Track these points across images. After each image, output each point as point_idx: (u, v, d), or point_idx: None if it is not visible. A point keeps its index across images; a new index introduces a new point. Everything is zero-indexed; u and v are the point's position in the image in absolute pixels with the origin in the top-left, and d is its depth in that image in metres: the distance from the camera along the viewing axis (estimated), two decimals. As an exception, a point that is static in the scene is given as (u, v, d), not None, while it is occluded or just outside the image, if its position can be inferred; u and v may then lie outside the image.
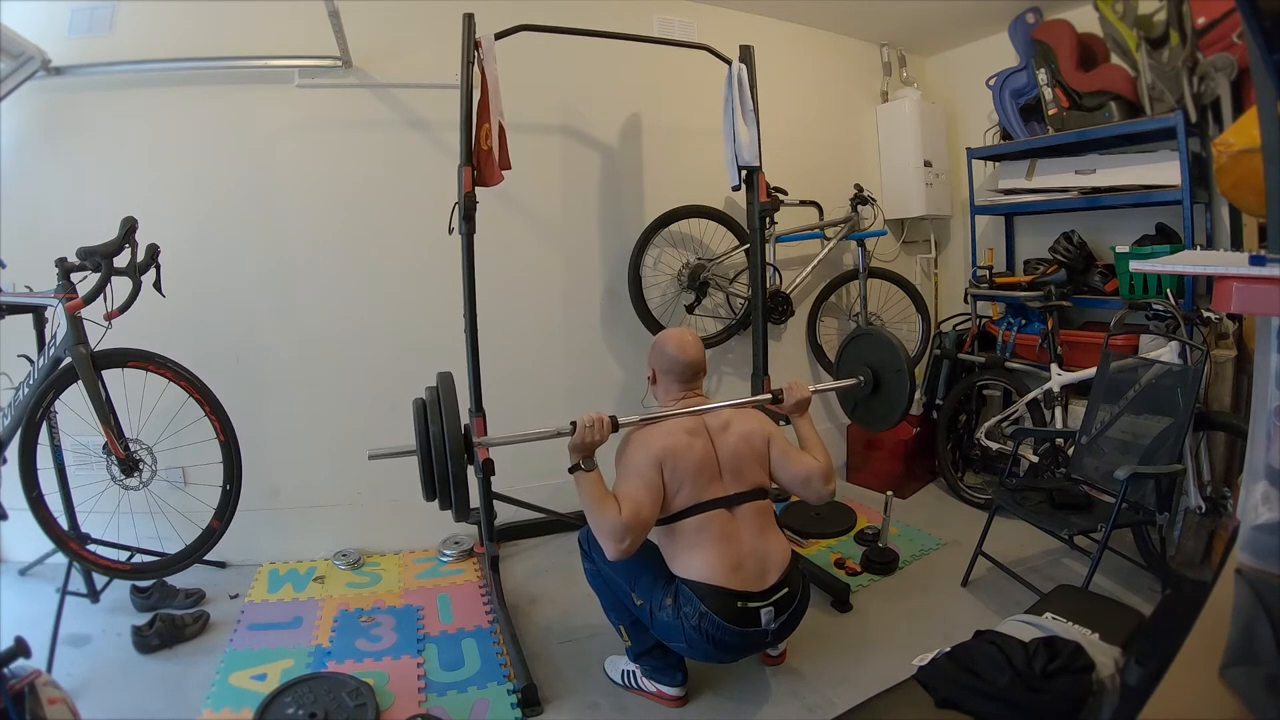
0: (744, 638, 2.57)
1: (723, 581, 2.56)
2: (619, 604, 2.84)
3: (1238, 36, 3.69)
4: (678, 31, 4.58)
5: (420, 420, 2.63)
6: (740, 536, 2.66)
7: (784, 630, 2.70)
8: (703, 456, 2.70)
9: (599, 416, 2.71)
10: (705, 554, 2.60)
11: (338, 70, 3.85)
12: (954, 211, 5.72)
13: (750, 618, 2.56)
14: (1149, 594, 3.42)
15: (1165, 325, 3.64)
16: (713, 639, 2.53)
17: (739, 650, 2.65)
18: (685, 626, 2.55)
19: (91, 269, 2.97)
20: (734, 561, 2.60)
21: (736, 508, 2.70)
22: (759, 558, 2.65)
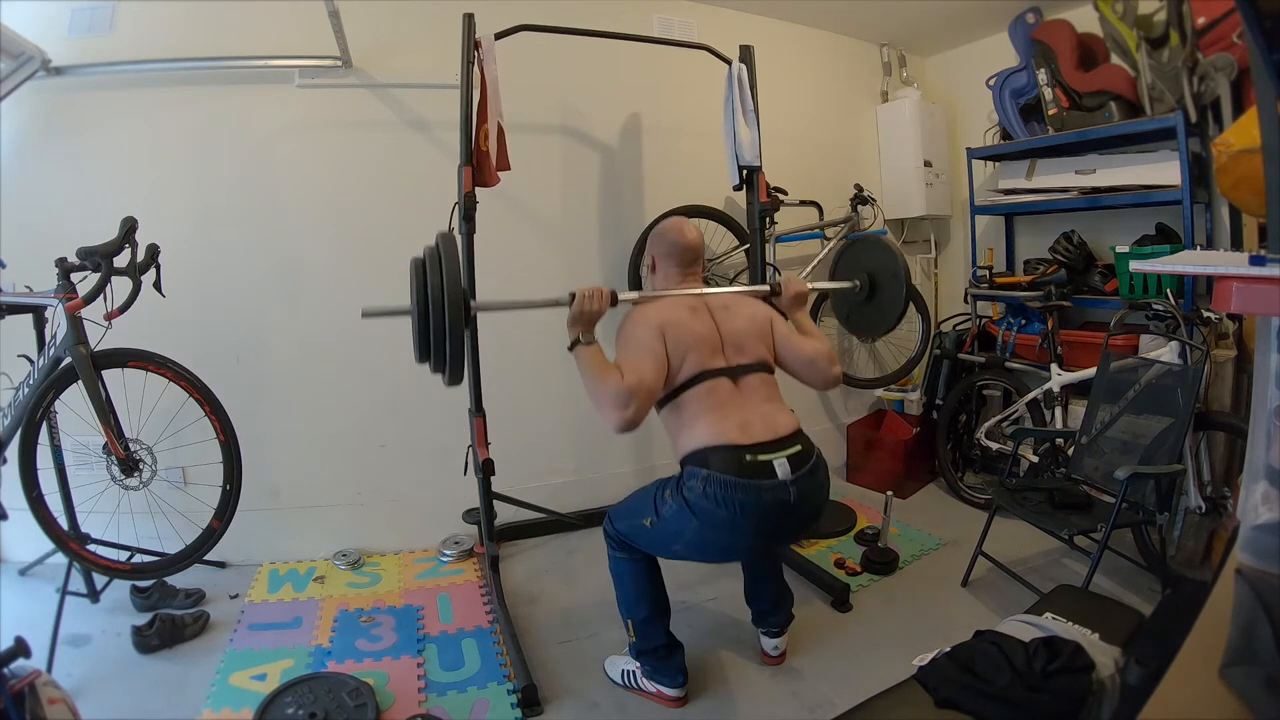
0: (759, 494, 2.39)
1: (728, 440, 2.45)
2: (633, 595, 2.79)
3: (1238, 36, 3.69)
4: (678, 31, 4.58)
5: (419, 276, 2.51)
6: (746, 402, 2.59)
7: (809, 494, 2.52)
8: (705, 331, 2.67)
9: (598, 288, 2.66)
10: (708, 420, 2.51)
11: (338, 70, 3.85)
12: (954, 211, 5.72)
13: (762, 470, 2.42)
14: (1149, 594, 3.42)
15: (1165, 325, 3.64)
16: (725, 503, 2.38)
17: (758, 517, 2.42)
18: (691, 503, 2.44)
19: (91, 269, 2.97)
20: (740, 422, 2.50)
21: (741, 378, 2.64)
22: (766, 419, 2.56)
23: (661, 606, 2.83)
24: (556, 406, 4.50)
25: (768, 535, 2.56)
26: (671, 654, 2.82)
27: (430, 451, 4.11)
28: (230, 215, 3.84)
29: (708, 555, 2.65)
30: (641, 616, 2.79)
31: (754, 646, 3.15)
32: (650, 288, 2.98)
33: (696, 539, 2.50)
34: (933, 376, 5.24)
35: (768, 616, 3.04)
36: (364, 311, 2.57)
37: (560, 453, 4.57)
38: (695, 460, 2.48)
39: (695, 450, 2.49)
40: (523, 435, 4.29)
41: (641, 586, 2.80)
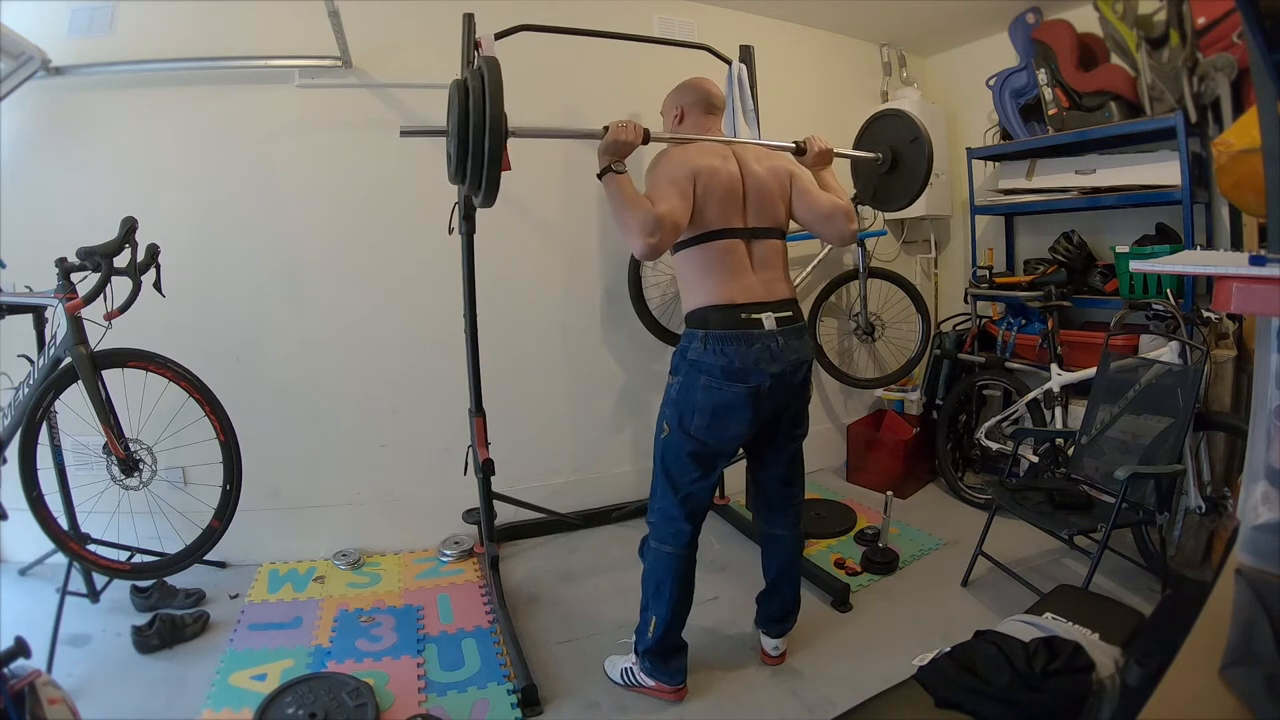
0: (749, 341, 2.63)
1: (729, 300, 2.67)
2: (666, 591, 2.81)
3: (1238, 36, 3.69)
4: (678, 31, 4.58)
5: (460, 99, 2.51)
6: (753, 269, 2.75)
7: (793, 346, 2.72)
8: (731, 182, 2.76)
9: (632, 121, 2.71)
10: (716, 280, 2.70)
11: (338, 70, 3.85)
12: (954, 211, 5.72)
13: (755, 324, 2.65)
14: (1149, 594, 3.42)
15: (1165, 325, 3.64)
16: (722, 353, 2.62)
17: (752, 360, 2.63)
18: (693, 361, 2.67)
19: (91, 269, 2.96)
20: (744, 285, 2.70)
21: (754, 242, 2.78)
22: (768, 284, 2.76)
23: (687, 606, 2.88)
24: (557, 406, 4.51)
25: (762, 384, 2.66)
26: (679, 654, 2.87)
27: (430, 451, 4.11)
28: (230, 215, 3.84)
29: (722, 417, 2.68)
30: (666, 614, 2.80)
31: (754, 646, 3.16)
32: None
33: (706, 400, 2.66)
34: (933, 376, 5.23)
35: (774, 622, 3.08)
36: (402, 130, 2.66)
37: (560, 453, 4.57)
38: (696, 320, 2.71)
39: (700, 308, 2.71)
40: (523, 435, 4.30)
41: (677, 582, 2.82)
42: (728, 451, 2.83)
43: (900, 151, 3.59)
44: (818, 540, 4.22)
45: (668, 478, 2.82)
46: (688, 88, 3.05)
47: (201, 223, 3.78)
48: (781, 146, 3.06)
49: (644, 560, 2.92)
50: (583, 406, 4.60)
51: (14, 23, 3.32)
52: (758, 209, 2.80)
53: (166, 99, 3.70)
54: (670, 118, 3.10)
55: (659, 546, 2.84)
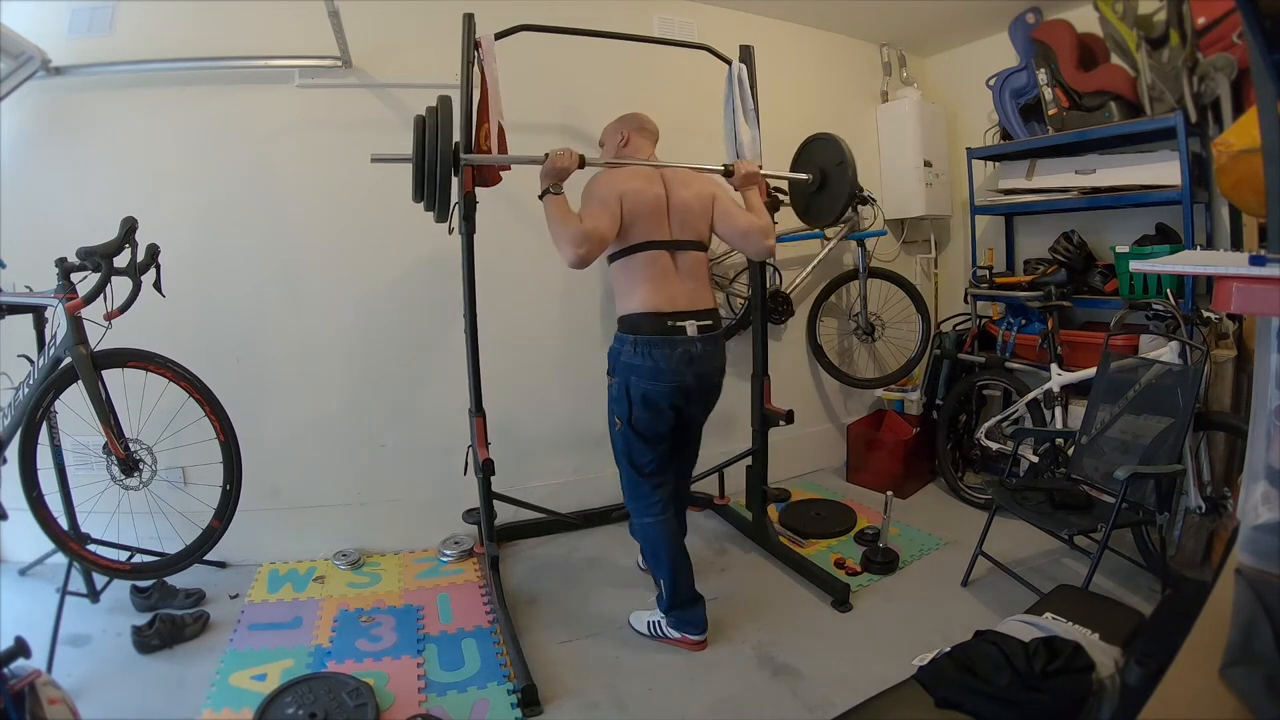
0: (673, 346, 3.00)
1: (656, 308, 3.04)
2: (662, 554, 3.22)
3: (1238, 36, 3.69)
4: (678, 31, 4.58)
5: (419, 133, 3.10)
6: (677, 278, 3.12)
7: (709, 352, 3.10)
8: (656, 202, 3.13)
9: (568, 149, 3.13)
10: (645, 290, 3.06)
11: (338, 70, 3.85)
12: (954, 211, 5.72)
13: (678, 330, 3.02)
14: (1149, 594, 3.42)
15: (1165, 325, 3.65)
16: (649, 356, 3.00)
17: (673, 363, 3.01)
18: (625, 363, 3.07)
19: (91, 269, 2.96)
20: (670, 294, 3.07)
21: (678, 253, 3.14)
22: (691, 294, 3.12)
23: (686, 563, 3.25)
24: (556, 406, 4.51)
25: (684, 382, 3.06)
26: (695, 605, 3.22)
27: (430, 451, 4.11)
28: (230, 215, 3.84)
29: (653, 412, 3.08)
30: (670, 572, 3.18)
31: (754, 645, 3.18)
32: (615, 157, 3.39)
33: (639, 396, 3.07)
34: (933, 376, 5.24)
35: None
36: (372, 157, 3.11)
37: (560, 453, 4.57)
38: (628, 325, 3.09)
39: (630, 314, 3.09)
40: (523, 435, 4.31)
41: (666, 544, 3.21)
42: (664, 435, 3.18)
43: (829, 173, 3.98)
44: (818, 540, 4.22)
45: (629, 462, 3.24)
46: (634, 119, 3.44)
47: (201, 223, 3.78)
48: (710, 169, 3.44)
49: (636, 538, 3.48)
50: (583, 406, 4.59)
51: (14, 23, 3.32)
52: (680, 224, 3.17)
53: (166, 99, 3.70)
54: (614, 143, 3.44)
55: (640, 520, 3.27)
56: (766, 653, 3.14)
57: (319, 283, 3.98)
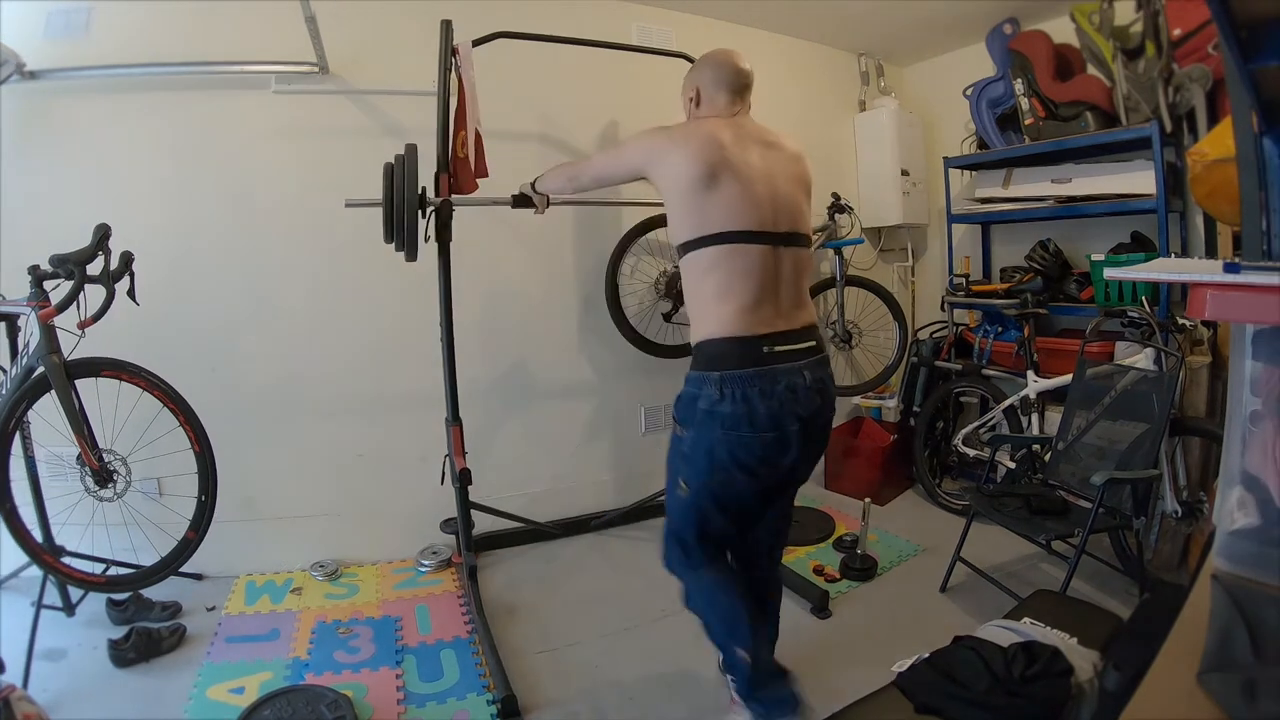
0: (774, 379, 2.24)
1: (750, 331, 2.26)
2: (729, 615, 2.42)
3: (1213, 48, 3.74)
4: (656, 40, 4.59)
5: (388, 178, 3.16)
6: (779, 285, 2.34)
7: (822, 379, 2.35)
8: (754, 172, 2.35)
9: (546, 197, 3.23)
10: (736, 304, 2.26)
11: (315, 76, 3.83)
12: (931, 220, 5.76)
13: (776, 358, 2.26)
14: (1126, 598, 3.44)
15: (1140, 332, 3.68)
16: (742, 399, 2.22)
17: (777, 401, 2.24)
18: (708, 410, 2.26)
19: (64, 277, 2.93)
20: (770, 312, 2.30)
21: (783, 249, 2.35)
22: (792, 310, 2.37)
23: (759, 620, 2.46)
24: (535, 415, 4.50)
25: (787, 431, 2.28)
26: (780, 680, 2.39)
27: (407, 461, 4.08)
28: (206, 222, 3.80)
29: (751, 468, 2.28)
30: (746, 639, 2.37)
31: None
32: None
33: (730, 453, 2.27)
34: (910, 384, 5.27)
35: None
36: (347, 202, 3.30)
37: (538, 461, 4.55)
38: (707, 359, 2.29)
39: (711, 339, 2.29)
40: (501, 444, 4.29)
41: (732, 600, 2.43)
42: (752, 508, 2.49)
43: None
44: (796, 547, 4.22)
45: (688, 529, 2.44)
46: (711, 63, 2.57)
47: (177, 230, 3.74)
48: None
49: (690, 605, 2.54)
50: (561, 415, 4.60)
51: (-12, 27, 3.30)
52: (788, 208, 2.38)
53: (142, 104, 3.67)
54: (688, 98, 2.65)
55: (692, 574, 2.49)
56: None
57: (295, 291, 3.96)
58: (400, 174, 3.13)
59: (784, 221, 2.34)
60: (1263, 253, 1.85)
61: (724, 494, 2.35)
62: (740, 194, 2.27)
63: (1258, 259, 1.87)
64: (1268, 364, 1.51)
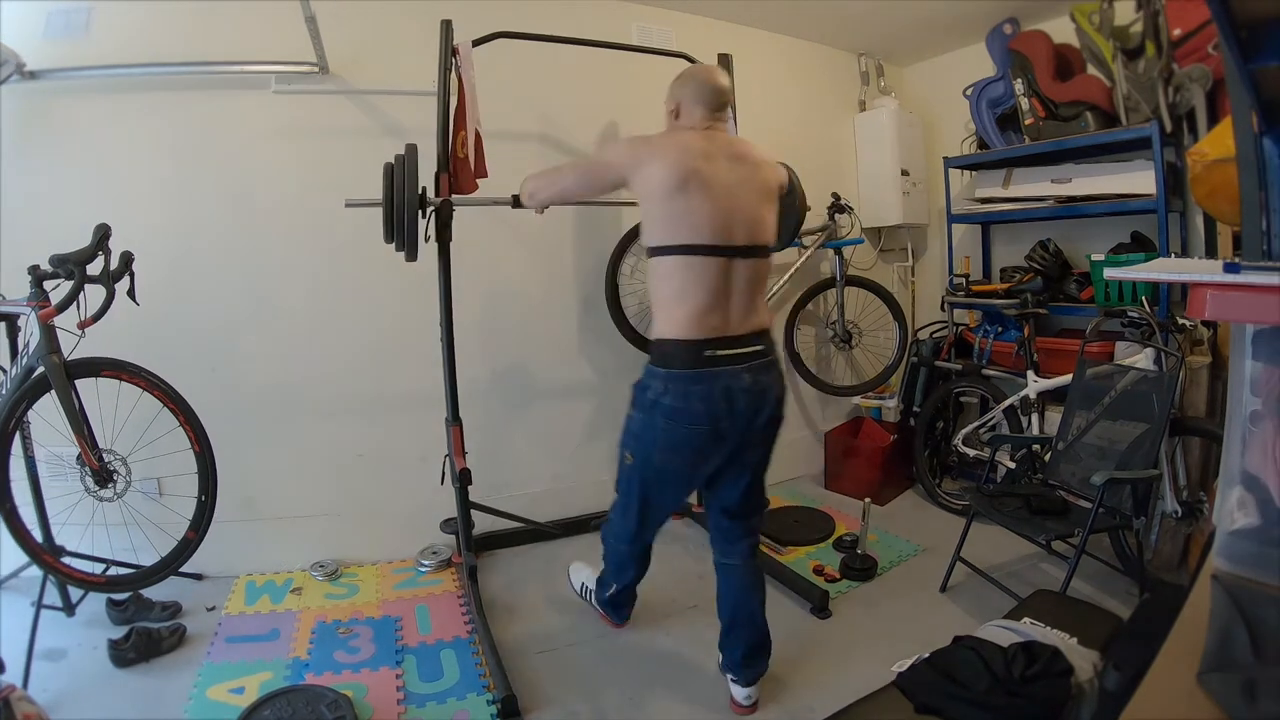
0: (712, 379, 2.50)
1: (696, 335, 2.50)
2: (621, 569, 3.13)
3: (1213, 48, 3.73)
4: (656, 40, 4.59)
5: (388, 178, 3.15)
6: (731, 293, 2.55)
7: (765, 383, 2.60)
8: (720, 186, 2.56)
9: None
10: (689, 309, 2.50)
11: (315, 76, 3.82)
12: (931, 220, 5.76)
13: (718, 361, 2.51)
14: (1126, 598, 3.44)
15: (1140, 332, 3.67)
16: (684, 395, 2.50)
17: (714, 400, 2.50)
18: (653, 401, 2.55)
19: (64, 277, 2.93)
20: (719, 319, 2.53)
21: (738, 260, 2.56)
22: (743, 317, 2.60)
23: (638, 579, 3.20)
24: (534, 415, 4.50)
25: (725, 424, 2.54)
26: (629, 604, 3.33)
27: (407, 461, 4.08)
28: (206, 222, 3.80)
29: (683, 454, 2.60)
30: (625, 585, 3.19)
31: (734, 654, 3.16)
32: None
33: (667, 440, 2.57)
34: (910, 384, 5.27)
35: (740, 668, 2.84)
36: (347, 202, 3.30)
37: (538, 461, 4.55)
38: (659, 356, 2.56)
39: (664, 339, 2.54)
40: (500, 444, 4.29)
41: (635, 567, 3.13)
42: (691, 484, 2.86)
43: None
44: (797, 547, 4.23)
45: (630, 500, 2.80)
46: (692, 79, 2.73)
47: (177, 230, 3.74)
48: None
49: (605, 543, 3.11)
50: (560, 414, 4.59)
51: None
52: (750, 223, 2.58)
53: (142, 104, 3.66)
54: (668, 110, 2.78)
55: (618, 545, 3.03)
56: (747, 660, 3.14)
57: (295, 291, 3.96)
58: (400, 174, 3.12)
59: (741, 234, 2.55)
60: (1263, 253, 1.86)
61: (660, 470, 2.69)
62: (704, 206, 2.48)
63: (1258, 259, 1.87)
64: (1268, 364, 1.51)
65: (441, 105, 3.37)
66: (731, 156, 2.62)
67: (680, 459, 2.62)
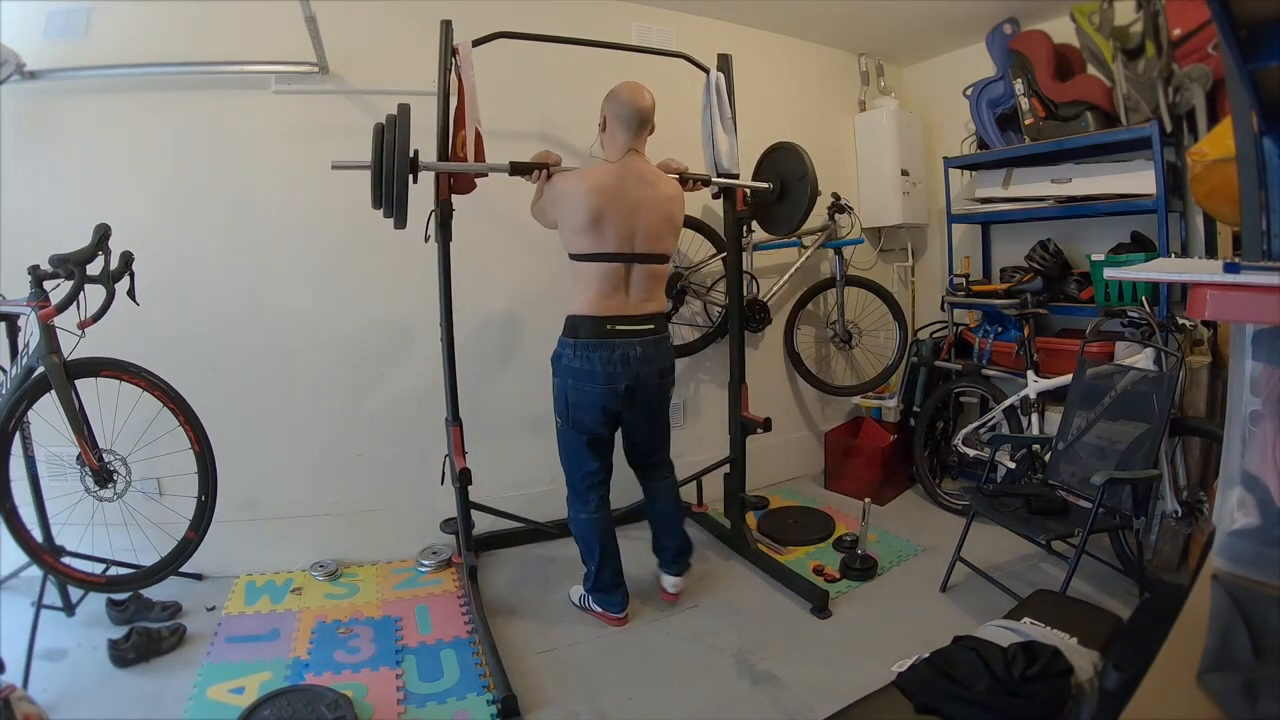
0: (611, 349, 3.19)
1: (599, 313, 3.19)
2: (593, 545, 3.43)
3: (1213, 48, 3.73)
4: (656, 40, 4.59)
5: (378, 139, 3.07)
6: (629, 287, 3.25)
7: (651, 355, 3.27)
8: (621, 208, 3.16)
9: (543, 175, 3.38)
10: (594, 295, 3.21)
11: (314, 76, 3.82)
12: (931, 220, 5.76)
13: (615, 334, 3.19)
14: (1126, 598, 3.44)
15: (1140, 332, 3.67)
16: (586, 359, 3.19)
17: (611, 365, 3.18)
18: (564, 365, 3.26)
19: (64, 277, 2.93)
20: (618, 302, 3.23)
21: (636, 266, 3.23)
22: (639, 303, 3.27)
23: (615, 554, 3.49)
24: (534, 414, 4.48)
25: (618, 386, 3.22)
26: (616, 590, 3.47)
27: (407, 461, 4.09)
28: (206, 222, 3.79)
29: (592, 407, 3.25)
30: (597, 563, 3.43)
31: (732, 654, 3.18)
32: (600, 145, 3.38)
33: (577, 394, 3.26)
34: (910, 384, 5.26)
35: (671, 561, 3.67)
36: (333, 164, 3.13)
37: (538, 461, 4.53)
38: (569, 328, 3.25)
39: (574, 315, 3.23)
40: (500, 444, 4.29)
41: (598, 538, 3.42)
42: (603, 435, 3.40)
43: (789, 184, 4.00)
44: (797, 547, 4.23)
45: (568, 459, 3.47)
46: (616, 98, 3.25)
47: (176, 230, 3.74)
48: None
49: (571, 530, 3.57)
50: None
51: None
52: (647, 235, 3.21)
53: (142, 104, 3.66)
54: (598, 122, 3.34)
55: (576, 514, 3.48)
56: (746, 660, 3.14)
57: (295, 290, 3.95)
58: (391, 135, 3.04)
59: (642, 245, 3.21)
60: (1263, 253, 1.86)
61: (576, 421, 3.32)
62: (611, 228, 3.13)
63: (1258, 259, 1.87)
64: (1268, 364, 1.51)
65: (441, 105, 3.36)
66: (643, 182, 3.23)
67: (588, 414, 3.28)
